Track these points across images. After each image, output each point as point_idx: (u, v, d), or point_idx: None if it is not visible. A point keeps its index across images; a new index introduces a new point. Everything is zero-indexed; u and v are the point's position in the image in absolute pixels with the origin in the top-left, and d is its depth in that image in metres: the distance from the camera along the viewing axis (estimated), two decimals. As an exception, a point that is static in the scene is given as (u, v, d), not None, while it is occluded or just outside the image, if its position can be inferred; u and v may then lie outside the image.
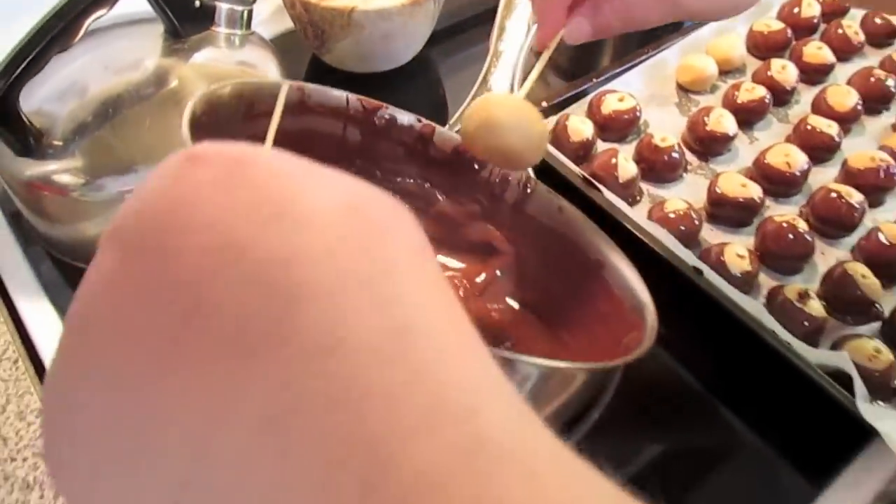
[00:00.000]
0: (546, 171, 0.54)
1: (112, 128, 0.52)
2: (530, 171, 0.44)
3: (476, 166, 0.44)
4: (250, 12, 0.58)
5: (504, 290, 0.43)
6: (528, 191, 0.43)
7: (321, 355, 0.15)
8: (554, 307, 0.42)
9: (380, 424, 0.15)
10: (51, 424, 0.18)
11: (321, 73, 0.70)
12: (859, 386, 0.42)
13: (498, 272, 0.43)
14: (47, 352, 0.48)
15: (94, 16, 0.50)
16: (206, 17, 0.56)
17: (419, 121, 0.44)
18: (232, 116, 0.36)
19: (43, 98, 0.52)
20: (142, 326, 0.16)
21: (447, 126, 0.46)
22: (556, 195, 0.42)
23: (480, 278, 0.43)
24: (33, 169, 0.50)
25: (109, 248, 0.17)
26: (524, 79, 0.42)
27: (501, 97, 0.42)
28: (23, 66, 0.46)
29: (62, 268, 0.54)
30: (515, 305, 0.43)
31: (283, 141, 0.38)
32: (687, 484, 0.44)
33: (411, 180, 0.44)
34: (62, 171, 0.50)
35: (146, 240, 0.17)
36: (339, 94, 0.42)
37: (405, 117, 0.44)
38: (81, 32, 0.49)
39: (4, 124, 0.47)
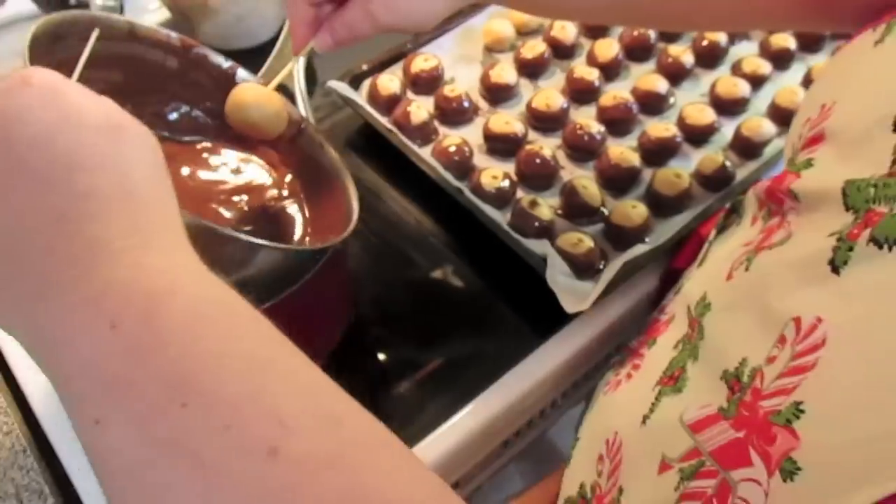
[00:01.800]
0: (362, 119, 0.70)
1: None
2: (306, 115, 0.59)
3: None
4: (122, 4, 0.73)
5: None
6: (301, 129, 0.57)
7: (96, 195, 0.29)
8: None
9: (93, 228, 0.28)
10: None
11: (199, 50, 0.84)
12: (551, 261, 0.57)
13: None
14: None
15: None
16: (81, 8, 0.71)
17: (227, 61, 0.58)
18: (68, 39, 0.48)
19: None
20: None
21: (258, 76, 0.60)
22: (319, 135, 0.57)
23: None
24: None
25: None
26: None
27: (250, 86, 0.54)
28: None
29: None
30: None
31: (116, 59, 0.52)
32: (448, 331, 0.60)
33: (216, 106, 0.57)
34: None
35: None
36: (162, 31, 0.55)
37: (218, 58, 0.58)
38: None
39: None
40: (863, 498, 0.24)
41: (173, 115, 0.57)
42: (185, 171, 0.54)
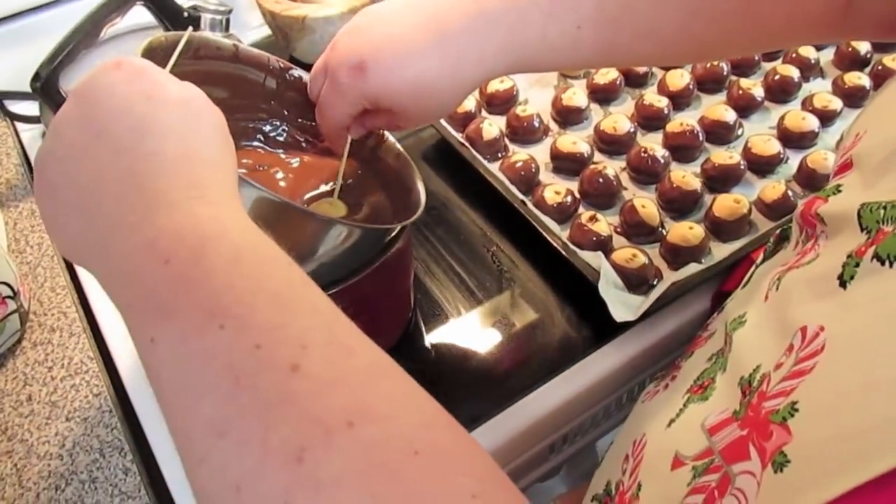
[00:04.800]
0: (439, 134, 0.75)
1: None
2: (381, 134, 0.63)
3: None
4: (228, 19, 0.80)
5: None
6: (382, 139, 0.62)
7: (161, 157, 0.34)
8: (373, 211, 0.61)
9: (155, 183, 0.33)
10: (39, 190, 0.36)
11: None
12: (604, 272, 0.60)
13: (350, 181, 0.61)
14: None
15: (110, 22, 0.72)
16: (193, 23, 0.78)
17: None
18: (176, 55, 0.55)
19: (78, 81, 0.75)
20: (80, 137, 0.34)
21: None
22: (398, 145, 0.61)
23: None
24: (69, 128, 0.73)
25: (71, 99, 0.35)
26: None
27: None
28: (60, 57, 0.69)
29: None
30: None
31: (222, 77, 0.59)
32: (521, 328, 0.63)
33: (308, 122, 0.62)
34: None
35: (88, 101, 0.34)
36: (263, 54, 0.61)
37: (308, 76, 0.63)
38: (102, 35, 0.72)
39: (49, 97, 0.70)
40: (839, 487, 0.26)
41: (268, 129, 0.63)
42: (279, 174, 0.60)
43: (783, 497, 0.29)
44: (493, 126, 0.74)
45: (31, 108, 0.85)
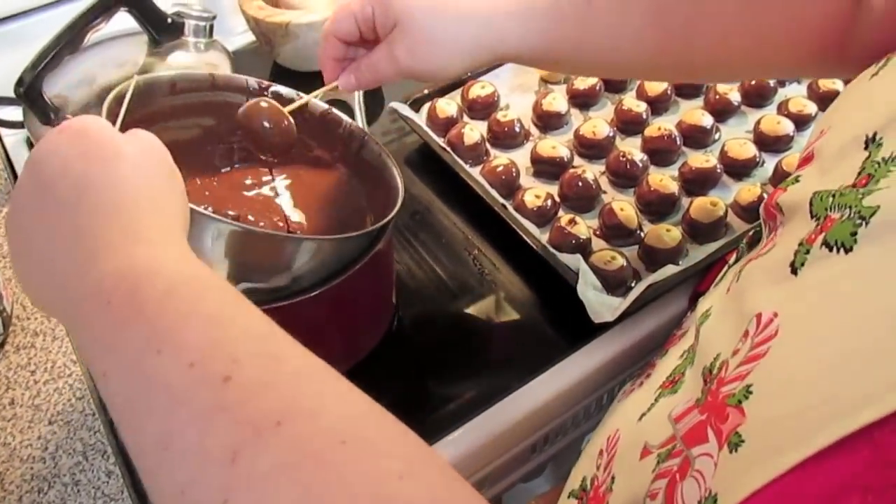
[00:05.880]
0: (421, 139, 0.76)
1: (109, 107, 0.75)
2: (366, 129, 0.64)
3: (337, 124, 0.64)
4: (212, 25, 0.81)
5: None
6: (365, 144, 0.63)
7: (100, 209, 0.36)
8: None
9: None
10: (10, 252, 0.40)
11: (278, 71, 0.92)
12: (582, 274, 0.61)
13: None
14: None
15: (94, 28, 0.73)
16: (177, 29, 0.79)
17: (298, 95, 0.65)
18: (150, 95, 0.57)
19: (62, 86, 0.75)
20: (33, 202, 0.38)
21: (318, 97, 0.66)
22: (380, 146, 0.62)
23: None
24: (53, 133, 0.73)
25: (25, 168, 0.39)
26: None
27: (268, 102, 0.58)
28: (43, 63, 0.70)
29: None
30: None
31: (204, 107, 0.59)
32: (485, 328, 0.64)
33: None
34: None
35: (37, 168, 0.38)
36: (240, 77, 0.63)
37: (290, 92, 0.64)
38: (86, 40, 0.73)
39: (32, 102, 0.71)
40: (786, 462, 0.27)
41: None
42: (279, 186, 0.61)
43: (736, 475, 0.30)
44: (474, 131, 0.75)
45: (14, 113, 0.85)
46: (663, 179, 0.70)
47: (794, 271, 0.33)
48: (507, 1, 0.52)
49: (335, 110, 0.63)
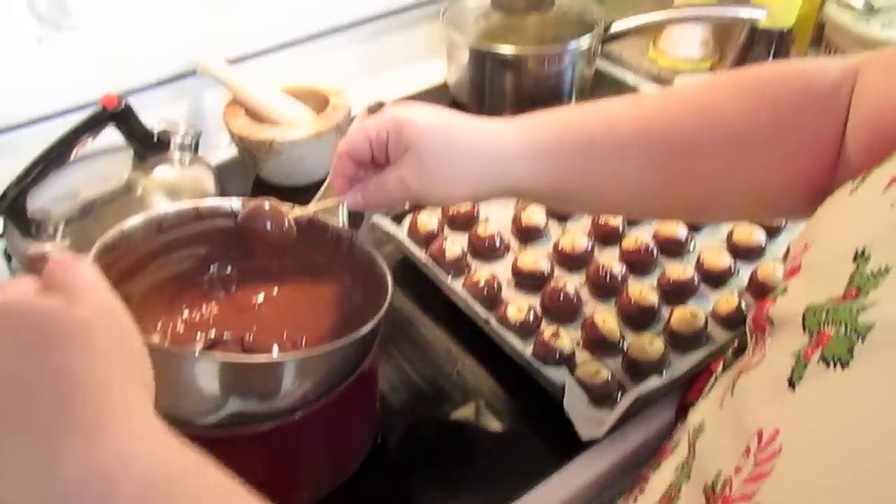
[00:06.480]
0: (403, 252, 0.76)
1: (93, 220, 0.76)
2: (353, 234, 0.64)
3: (324, 230, 0.64)
4: (197, 142, 0.82)
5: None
6: (354, 243, 0.63)
7: (50, 405, 0.32)
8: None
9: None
10: None
11: (261, 186, 0.93)
12: (568, 389, 0.61)
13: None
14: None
15: (81, 143, 0.74)
16: (162, 145, 0.80)
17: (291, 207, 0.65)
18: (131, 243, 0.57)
19: (45, 199, 0.75)
20: None
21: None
22: (371, 248, 0.62)
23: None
24: (33, 248, 0.73)
25: None
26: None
27: (270, 204, 0.60)
28: (29, 179, 0.70)
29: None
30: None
31: (195, 237, 0.60)
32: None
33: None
34: (54, 249, 0.73)
35: None
36: (224, 203, 0.63)
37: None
38: (72, 156, 0.74)
39: (14, 217, 0.71)
40: None
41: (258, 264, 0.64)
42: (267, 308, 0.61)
43: None
44: (455, 244, 0.76)
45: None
46: (643, 291, 0.71)
47: (792, 385, 0.33)
48: (519, 140, 0.54)
49: (320, 215, 0.63)
